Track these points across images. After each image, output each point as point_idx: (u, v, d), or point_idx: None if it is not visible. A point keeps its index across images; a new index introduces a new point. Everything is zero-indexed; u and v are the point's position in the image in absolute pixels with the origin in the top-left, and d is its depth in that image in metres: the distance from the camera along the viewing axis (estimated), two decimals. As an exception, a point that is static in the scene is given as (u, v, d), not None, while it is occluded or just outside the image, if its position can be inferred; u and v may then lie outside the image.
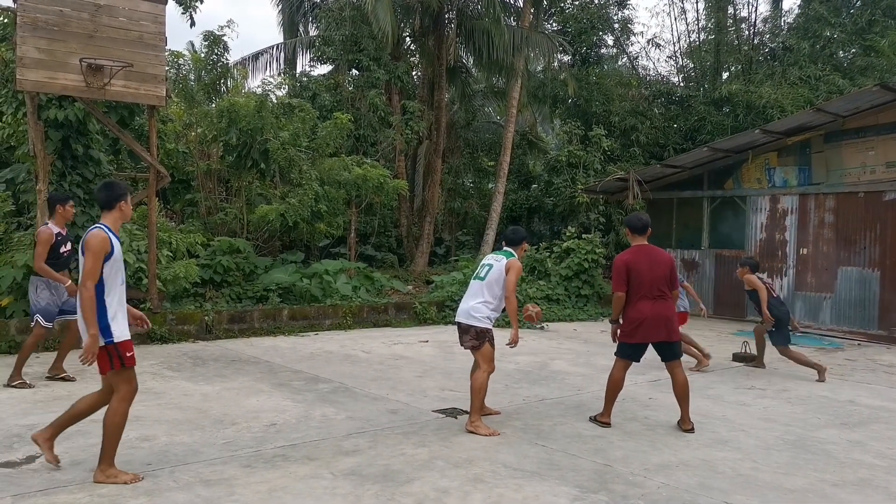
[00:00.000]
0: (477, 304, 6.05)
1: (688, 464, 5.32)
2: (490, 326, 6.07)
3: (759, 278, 9.22)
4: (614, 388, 6.38)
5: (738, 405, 7.34)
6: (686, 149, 19.46)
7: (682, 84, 23.87)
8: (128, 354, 4.52)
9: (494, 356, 6.13)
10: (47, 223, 7.28)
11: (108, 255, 4.48)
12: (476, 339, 6.03)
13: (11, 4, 9.17)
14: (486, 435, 5.82)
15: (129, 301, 9.83)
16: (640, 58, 26.20)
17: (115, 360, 4.48)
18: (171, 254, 10.67)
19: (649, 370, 8.96)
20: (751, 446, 5.84)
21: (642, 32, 47.37)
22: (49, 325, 7.12)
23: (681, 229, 15.82)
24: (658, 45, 25.64)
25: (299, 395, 7.06)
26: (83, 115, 9.52)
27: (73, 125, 9.46)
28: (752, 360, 9.72)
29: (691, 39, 24.64)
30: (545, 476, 4.93)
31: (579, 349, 10.59)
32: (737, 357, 9.96)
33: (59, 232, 7.17)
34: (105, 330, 4.43)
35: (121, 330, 4.52)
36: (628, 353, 6.37)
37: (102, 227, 4.57)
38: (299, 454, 5.22)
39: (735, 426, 6.47)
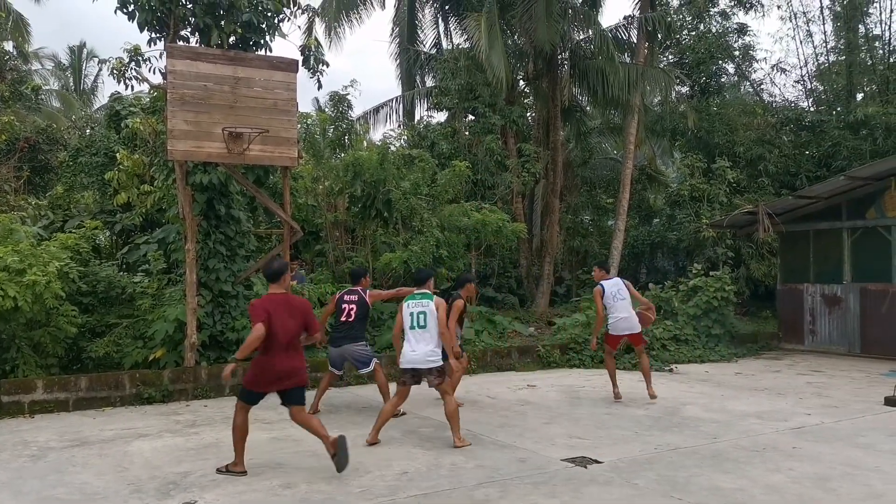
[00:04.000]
0: (432, 349, 7.03)
1: (839, 521, 5.00)
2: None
3: None
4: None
5: (894, 455, 6.79)
6: (820, 177, 18.45)
7: (812, 109, 22.77)
8: None
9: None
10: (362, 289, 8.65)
11: None
12: (440, 376, 7.06)
13: (162, 82, 10.16)
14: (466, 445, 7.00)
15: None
16: (764, 84, 25.28)
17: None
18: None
19: (792, 416, 8.48)
20: (911, 502, 5.41)
21: (765, 58, 45.31)
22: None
23: (819, 263, 14.91)
24: (783, 70, 24.70)
25: (428, 443, 7.21)
26: (225, 178, 10.31)
27: (216, 188, 10.25)
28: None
29: (820, 62, 23.52)
30: (683, 532, 4.78)
31: (712, 393, 10.17)
32: (889, 401, 9.23)
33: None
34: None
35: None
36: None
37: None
38: (432, 504, 5.33)
39: (891, 478, 5.99)
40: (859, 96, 21.96)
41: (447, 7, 21.76)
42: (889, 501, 5.41)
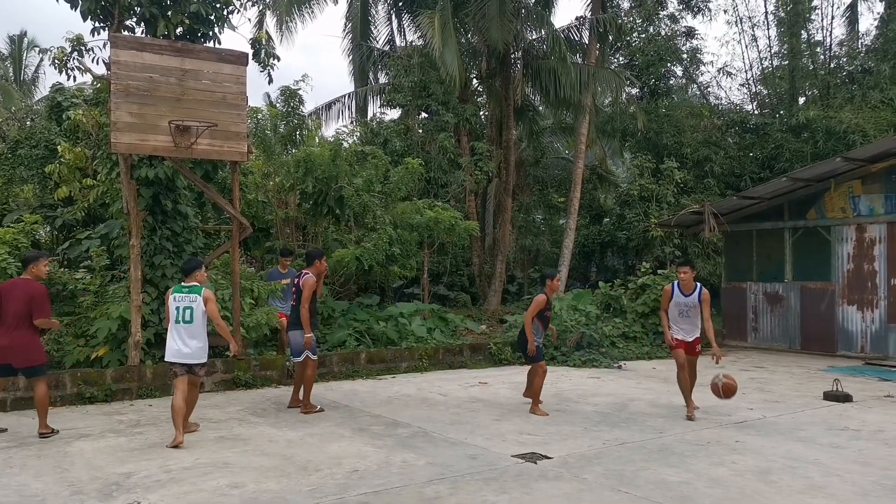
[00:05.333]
0: (201, 345, 7.09)
1: (779, 512, 5.13)
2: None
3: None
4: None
5: (832, 448, 7.02)
6: (763, 178, 19.00)
7: (756, 112, 23.40)
8: None
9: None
10: (307, 272, 8.43)
11: None
12: (204, 367, 7.26)
13: (106, 73, 9.87)
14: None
15: (214, 348, 10.28)
16: (710, 87, 25.88)
17: None
18: (252, 301, 11.04)
19: (735, 411, 8.69)
20: (847, 492, 5.59)
21: (712, 62, 46.54)
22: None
23: (762, 262, 15.34)
24: (729, 74, 25.33)
25: (379, 441, 7.17)
26: (172, 173, 10.06)
27: (162, 182, 10.00)
28: (846, 399, 9.31)
29: (764, 66, 24.19)
30: (630, 525, 4.84)
31: (659, 389, 10.36)
32: (828, 396, 9.54)
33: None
34: None
35: None
36: None
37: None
38: (382, 501, 5.30)
39: (829, 470, 6.19)
40: (801, 100, 22.66)
41: (400, 4, 21.70)
42: (828, 493, 5.58)
